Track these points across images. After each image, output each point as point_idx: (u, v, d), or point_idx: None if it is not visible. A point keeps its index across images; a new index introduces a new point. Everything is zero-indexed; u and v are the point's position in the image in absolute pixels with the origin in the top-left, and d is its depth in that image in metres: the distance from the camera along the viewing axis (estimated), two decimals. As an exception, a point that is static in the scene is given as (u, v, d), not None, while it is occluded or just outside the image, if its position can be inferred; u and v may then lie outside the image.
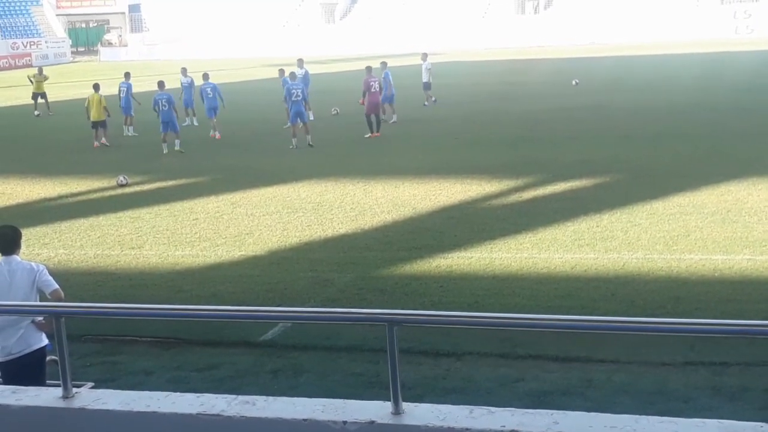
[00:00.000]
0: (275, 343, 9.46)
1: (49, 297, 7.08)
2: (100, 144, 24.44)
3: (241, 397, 4.65)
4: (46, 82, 34.50)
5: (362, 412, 4.38)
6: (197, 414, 4.52)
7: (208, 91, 25.23)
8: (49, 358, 7.11)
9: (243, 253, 13.12)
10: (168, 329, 9.75)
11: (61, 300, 7.05)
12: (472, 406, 4.35)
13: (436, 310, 9.29)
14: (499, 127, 24.18)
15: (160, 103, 22.86)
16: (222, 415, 4.48)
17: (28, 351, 7.06)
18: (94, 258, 13.26)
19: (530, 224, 13.57)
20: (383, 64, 27.56)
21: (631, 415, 4.20)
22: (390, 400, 4.37)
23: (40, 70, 35.85)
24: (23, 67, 64.48)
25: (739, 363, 8.25)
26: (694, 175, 16.23)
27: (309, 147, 22.00)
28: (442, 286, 11.10)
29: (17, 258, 7.22)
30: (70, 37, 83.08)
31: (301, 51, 47.49)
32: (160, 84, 23.91)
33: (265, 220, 14.89)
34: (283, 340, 9.53)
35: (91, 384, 6.80)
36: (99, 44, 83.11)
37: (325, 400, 4.58)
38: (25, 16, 79.57)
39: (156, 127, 23.41)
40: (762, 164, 16.86)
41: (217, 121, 24.94)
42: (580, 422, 4.18)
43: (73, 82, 47.46)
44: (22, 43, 73.80)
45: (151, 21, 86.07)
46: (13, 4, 79.85)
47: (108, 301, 10.47)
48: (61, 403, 4.80)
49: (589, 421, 4.17)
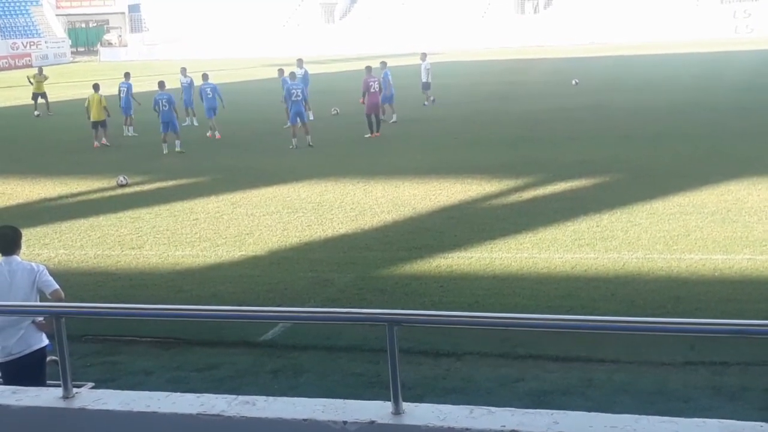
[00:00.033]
0: (275, 343, 9.46)
1: (50, 297, 7.08)
2: (101, 144, 24.45)
3: (241, 398, 4.65)
4: (46, 82, 34.50)
5: (362, 412, 4.38)
6: (197, 414, 4.52)
7: (208, 92, 25.22)
8: (49, 359, 7.10)
9: (243, 253, 13.12)
10: (168, 329, 9.74)
11: (62, 300, 7.05)
12: (472, 406, 4.35)
13: (436, 310, 9.29)
14: (499, 127, 24.18)
15: (160, 103, 22.87)
16: (222, 416, 4.49)
17: (28, 351, 7.06)
18: (94, 258, 13.26)
19: (530, 224, 13.57)
20: (383, 64, 27.58)
21: (632, 415, 4.20)
22: (390, 400, 4.37)
23: (40, 70, 35.86)
24: (23, 67, 64.49)
25: (739, 363, 8.25)
26: (694, 175, 16.23)
27: (309, 147, 22.01)
28: (442, 286, 11.10)
29: (17, 258, 7.22)
30: (70, 38, 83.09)
31: (300, 51, 47.51)
32: (161, 84, 23.93)
33: (265, 220, 14.89)
34: (283, 340, 9.53)
35: (91, 384, 6.80)
36: (99, 44, 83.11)
37: (325, 400, 4.58)
38: (25, 16, 79.57)
39: (156, 128, 23.42)
40: (762, 164, 16.86)
41: (216, 121, 24.95)
42: (580, 422, 4.18)
43: (73, 83, 47.46)
44: (22, 43, 73.80)
45: (150, 21, 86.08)
46: (12, 4, 79.85)
47: (108, 301, 10.48)
48: (62, 404, 4.80)
49: (589, 421, 4.17)
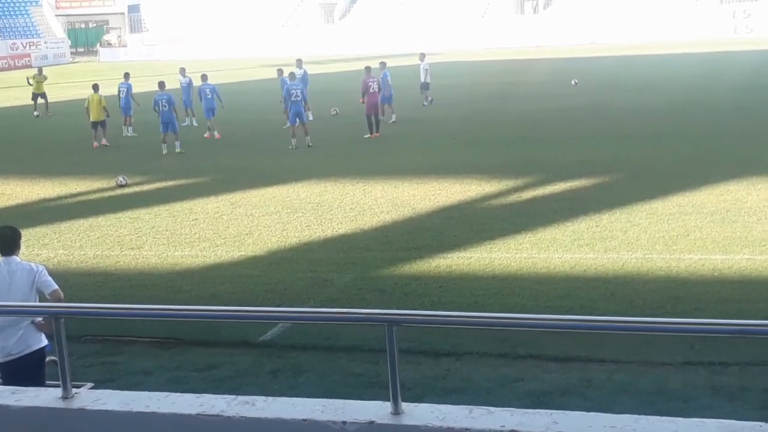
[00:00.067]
0: (275, 343, 9.46)
1: (49, 297, 7.08)
2: (100, 144, 24.45)
3: (241, 398, 4.65)
4: (46, 82, 34.49)
5: (362, 412, 4.38)
6: (197, 414, 4.52)
7: (207, 92, 25.22)
8: (48, 359, 7.11)
9: (242, 253, 13.12)
10: (167, 329, 9.75)
11: (61, 300, 7.05)
12: (471, 406, 4.35)
13: (436, 310, 9.29)
14: (499, 127, 24.18)
15: (160, 104, 22.87)
16: (222, 416, 4.49)
17: (27, 351, 7.06)
18: (94, 258, 13.27)
19: (530, 224, 13.57)
20: (382, 64, 27.59)
21: (631, 415, 4.20)
22: (390, 400, 4.37)
23: (40, 70, 35.85)
24: (23, 67, 64.50)
25: (738, 363, 8.25)
26: (693, 175, 16.23)
27: (308, 147, 22.01)
28: (442, 286, 11.10)
29: (17, 258, 7.23)
30: (70, 38, 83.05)
31: (300, 51, 47.47)
32: (161, 84, 23.94)
33: (265, 220, 14.90)
34: (282, 340, 9.54)
35: (90, 384, 6.82)
36: (98, 45, 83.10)
37: (325, 400, 4.58)
38: (25, 16, 79.55)
39: (155, 128, 23.42)
40: (761, 164, 16.86)
41: (215, 121, 24.95)
42: (579, 422, 4.18)
43: (73, 83, 47.46)
44: (22, 43, 73.76)
45: (150, 21, 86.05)
46: (12, 5, 79.83)
47: (108, 301, 10.48)
48: (61, 404, 4.80)
49: (588, 421, 4.17)
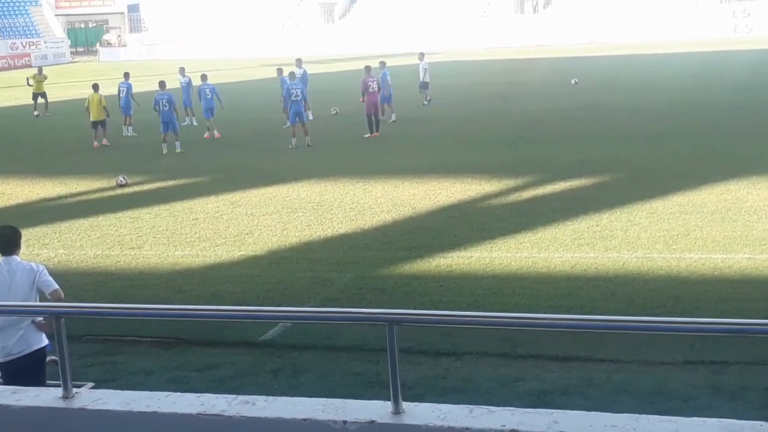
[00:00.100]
0: (275, 343, 9.46)
1: (49, 297, 7.08)
2: (101, 144, 24.45)
3: (241, 397, 4.65)
4: (46, 82, 34.49)
5: (362, 412, 4.38)
6: (197, 414, 4.52)
7: (207, 92, 25.23)
8: (49, 359, 7.11)
9: (243, 253, 13.12)
10: (168, 329, 9.75)
11: (61, 300, 7.05)
12: (472, 406, 4.35)
13: (436, 309, 9.29)
14: (499, 127, 24.17)
15: (160, 103, 22.87)
16: (222, 415, 4.49)
17: (28, 351, 7.06)
18: (94, 258, 13.26)
19: (530, 224, 13.57)
20: (382, 63, 27.60)
21: (631, 414, 4.20)
22: (390, 400, 4.37)
23: (40, 69, 35.86)
24: (22, 67, 64.50)
25: (738, 362, 8.25)
26: (693, 175, 16.23)
27: (307, 147, 22.00)
28: (442, 286, 11.10)
29: (17, 258, 7.22)
30: (69, 38, 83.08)
31: (300, 51, 47.48)
32: (161, 84, 23.96)
33: (265, 220, 14.89)
34: (283, 340, 9.53)
35: (91, 384, 6.82)
36: (98, 44, 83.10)
37: (325, 400, 4.58)
38: (24, 16, 79.55)
39: (155, 127, 23.42)
40: (761, 163, 16.86)
41: (214, 121, 24.95)
42: (580, 421, 4.18)
43: (73, 83, 47.46)
44: (21, 43, 73.77)
45: (150, 21, 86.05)
46: (12, 5, 79.84)
47: (108, 301, 10.48)
48: (61, 404, 4.80)
49: (589, 421, 4.17)
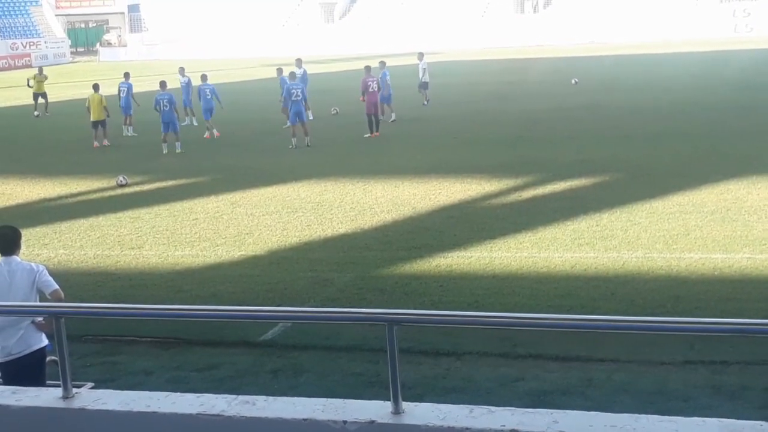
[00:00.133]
0: (275, 343, 9.46)
1: (49, 297, 7.08)
2: (101, 144, 24.45)
3: (241, 397, 4.65)
4: (46, 82, 34.49)
5: (362, 412, 4.38)
6: (197, 414, 4.52)
7: (206, 93, 25.23)
8: (49, 359, 7.11)
9: (243, 253, 13.12)
10: (168, 329, 9.75)
11: (61, 300, 7.05)
12: (472, 406, 4.35)
13: (436, 309, 9.29)
14: (498, 127, 24.17)
15: (161, 103, 22.87)
16: (222, 415, 4.49)
17: (28, 351, 7.06)
18: (94, 258, 13.27)
19: (530, 223, 13.57)
20: (382, 63, 27.61)
21: (631, 414, 4.20)
22: (390, 400, 4.37)
23: (40, 70, 35.85)
24: (23, 67, 64.48)
25: (738, 362, 8.25)
26: (693, 174, 16.23)
27: (307, 147, 22.00)
28: (442, 286, 11.10)
29: (17, 258, 7.22)
30: (70, 38, 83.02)
31: (300, 51, 47.45)
32: (162, 84, 23.97)
33: (265, 219, 14.89)
34: (283, 340, 9.54)
35: (91, 384, 6.82)
36: (98, 44, 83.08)
37: (325, 400, 4.58)
38: (25, 16, 79.53)
39: (155, 127, 23.42)
40: (761, 163, 16.86)
41: (214, 121, 24.96)
42: (580, 421, 4.18)
43: (73, 83, 47.45)
44: (22, 43, 73.72)
45: (150, 21, 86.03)
46: (12, 5, 79.81)
47: (108, 301, 10.49)
48: (61, 404, 4.80)
49: (589, 420, 4.17)
